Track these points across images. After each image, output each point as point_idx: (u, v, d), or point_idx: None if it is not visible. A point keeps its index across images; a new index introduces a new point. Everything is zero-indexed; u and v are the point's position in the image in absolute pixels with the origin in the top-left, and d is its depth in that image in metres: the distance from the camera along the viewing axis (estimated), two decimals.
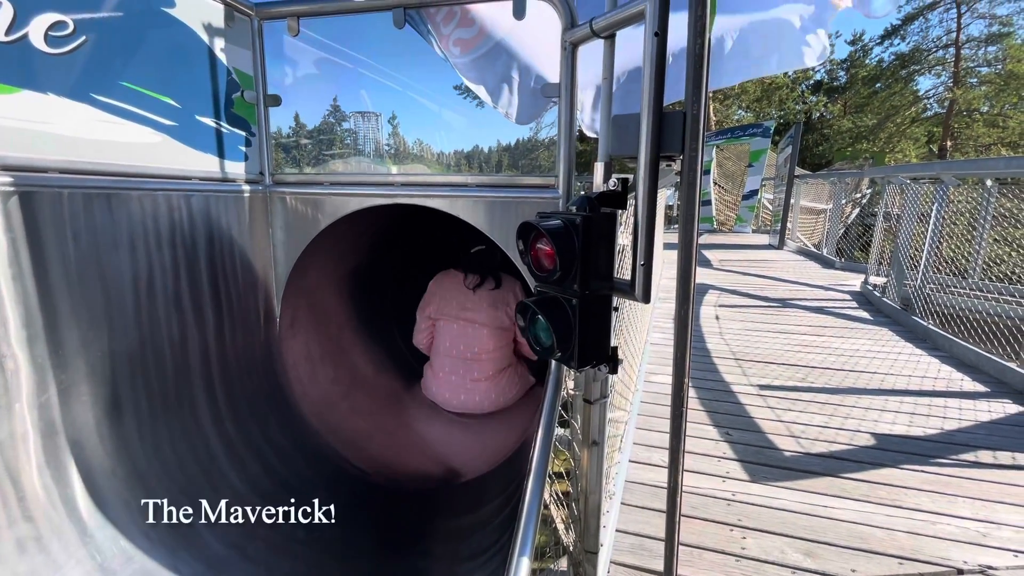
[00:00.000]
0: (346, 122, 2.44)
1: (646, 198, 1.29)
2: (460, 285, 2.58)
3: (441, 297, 2.59)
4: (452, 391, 2.51)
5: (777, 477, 2.69)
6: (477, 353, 2.53)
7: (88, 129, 1.32)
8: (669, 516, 1.21)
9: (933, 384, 3.82)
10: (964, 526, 2.26)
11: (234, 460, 1.67)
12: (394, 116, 2.66)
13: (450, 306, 2.55)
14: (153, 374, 1.50)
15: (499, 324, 2.57)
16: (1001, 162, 4.81)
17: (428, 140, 3.18)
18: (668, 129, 1.24)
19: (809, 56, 1.79)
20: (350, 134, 2.40)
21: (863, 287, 6.76)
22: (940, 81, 22.33)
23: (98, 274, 1.33)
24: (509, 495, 1.68)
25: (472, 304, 2.53)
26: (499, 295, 2.60)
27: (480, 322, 2.52)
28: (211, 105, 1.68)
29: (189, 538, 1.43)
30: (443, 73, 3.26)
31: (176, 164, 1.57)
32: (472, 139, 4.48)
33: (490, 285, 2.58)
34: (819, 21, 1.79)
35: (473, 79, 1.82)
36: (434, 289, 2.63)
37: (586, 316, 1.34)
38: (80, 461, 1.28)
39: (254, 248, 1.88)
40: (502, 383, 2.58)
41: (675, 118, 1.25)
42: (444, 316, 2.56)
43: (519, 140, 4.57)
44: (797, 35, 1.78)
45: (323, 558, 1.57)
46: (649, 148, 1.24)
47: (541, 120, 4.59)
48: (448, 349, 2.54)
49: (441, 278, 2.65)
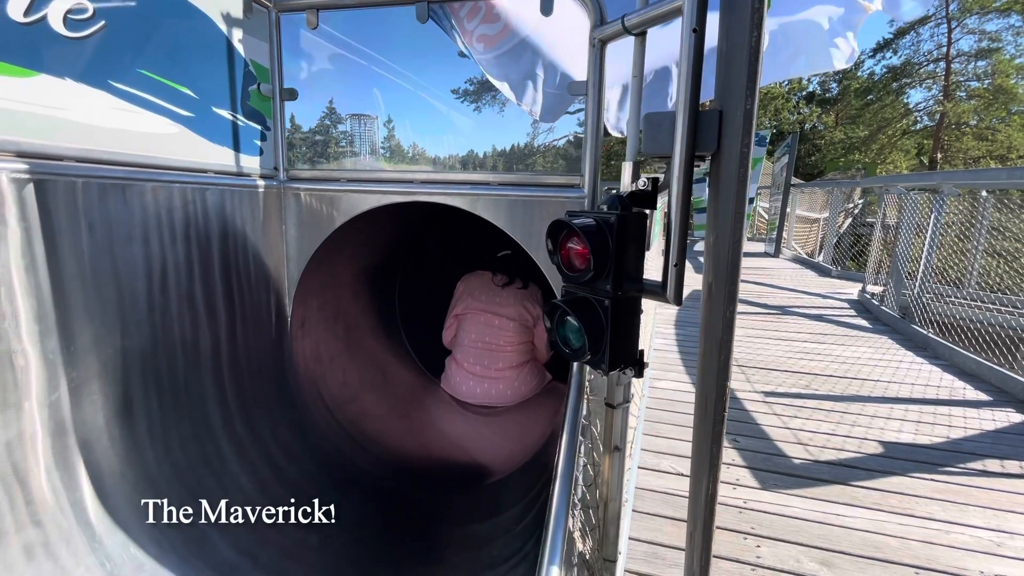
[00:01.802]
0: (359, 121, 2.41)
1: (680, 197, 1.26)
2: (488, 282, 2.67)
3: (468, 294, 2.65)
4: (475, 380, 2.56)
5: (787, 485, 2.67)
6: (502, 345, 2.59)
7: (105, 117, 1.27)
8: (705, 526, 1.18)
9: (936, 392, 3.83)
10: (978, 535, 2.25)
11: (244, 463, 1.61)
12: (389, 121, 2.64)
13: (478, 301, 2.62)
14: (164, 373, 1.45)
15: (524, 321, 2.64)
16: (1003, 172, 4.86)
17: (437, 142, 3.15)
18: (703, 127, 1.21)
19: (837, 59, 1.78)
20: (365, 131, 2.37)
21: (861, 295, 6.81)
22: (931, 94, 22.73)
23: (112, 268, 1.28)
24: (530, 501, 1.64)
25: (501, 299, 2.61)
26: (526, 294, 2.69)
27: (507, 315, 2.59)
28: (228, 97, 1.63)
29: (200, 544, 1.38)
30: (453, 74, 3.22)
31: (192, 156, 1.52)
32: (471, 144, 4.46)
33: (518, 284, 2.67)
34: (848, 24, 1.79)
35: (497, 76, 1.79)
36: (462, 288, 2.70)
37: (618, 317, 1.31)
38: (89, 463, 1.22)
39: (267, 245, 1.83)
40: (524, 374, 2.64)
41: (710, 116, 1.23)
42: (471, 310, 2.62)
43: (514, 145, 4.54)
44: (825, 37, 1.77)
45: (337, 564, 1.52)
46: (684, 147, 1.21)
47: (538, 127, 4.58)
48: (474, 341, 2.59)
49: (469, 277, 2.73)
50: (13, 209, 1.06)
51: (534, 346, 2.77)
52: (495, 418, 2.54)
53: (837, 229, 9.97)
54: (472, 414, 2.54)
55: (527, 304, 2.68)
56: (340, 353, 2.26)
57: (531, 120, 2.26)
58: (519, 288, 2.70)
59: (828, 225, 10.14)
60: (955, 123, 21.52)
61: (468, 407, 2.60)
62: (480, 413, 2.56)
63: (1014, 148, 19.65)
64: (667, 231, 1.31)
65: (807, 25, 1.78)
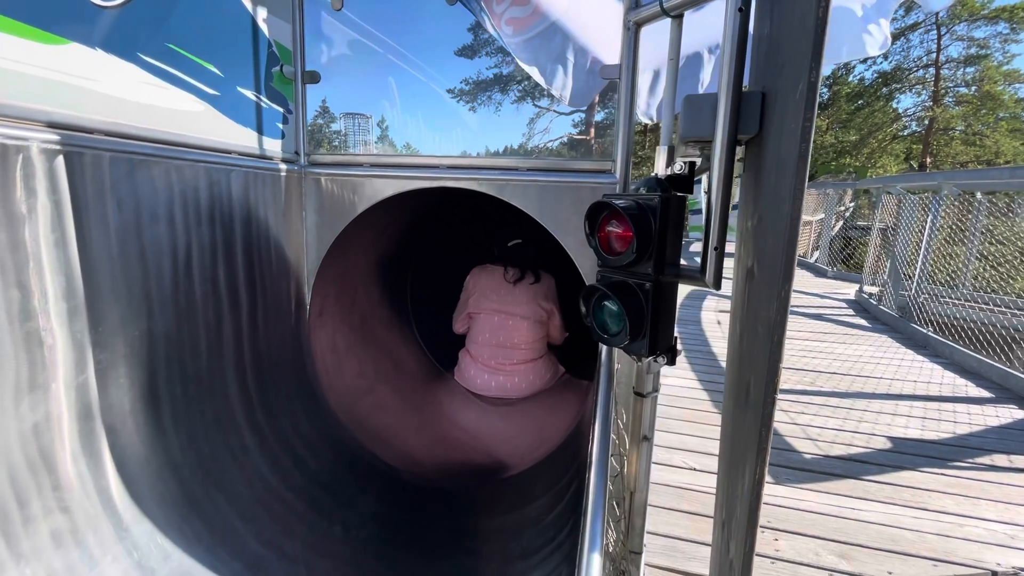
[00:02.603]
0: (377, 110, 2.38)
1: (721, 180, 1.25)
2: (500, 279, 2.60)
3: (480, 292, 2.60)
4: (490, 374, 2.54)
5: (800, 479, 2.67)
6: (516, 343, 2.56)
7: (134, 90, 1.22)
8: (751, 514, 1.16)
9: (939, 389, 3.87)
10: (992, 528, 2.27)
11: (266, 453, 1.57)
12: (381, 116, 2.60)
13: (490, 301, 2.57)
14: (188, 359, 1.40)
15: (537, 318, 2.61)
16: (1005, 172, 4.93)
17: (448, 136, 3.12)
18: (745, 109, 1.20)
19: (871, 45, 1.78)
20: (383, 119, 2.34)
21: (858, 295, 6.87)
22: (920, 100, 23.05)
23: (139, 247, 1.23)
24: (559, 492, 1.61)
25: (513, 298, 2.56)
26: (538, 289, 2.64)
27: (520, 315, 2.56)
28: (252, 77, 1.59)
29: (225, 535, 1.33)
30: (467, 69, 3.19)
31: (217, 136, 1.48)
32: (474, 143, 4.45)
33: (530, 279, 2.61)
34: (881, 10, 1.79)
35: (526, 60, 1.77)
36: (472, 284, 2.65)
37: (658, 302, 1.29)
38: (115, 449, 1.18)
39: (288, 231, 1.79)
40: (539, 368, 2.63)
41: (752, 98, 1.21)
42: (483, 310, 2.58)
43: (513, 146, 4.57)
44: (859, 24, 1.77)
45: (362, 556, 1.48)
46: (727, 129, 1.20)
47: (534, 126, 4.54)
48: (488, 340, 2.56)
49: (478, 273, 2.67)
50: (44, 181, 1.02)
51: (548, 335, 2.76)
52: (510, 410, 2.52)
53: (830, 231, 10.07)
54: (488, 406, 2.52)
55: (540, 301, 2.66)
56: (355, 344, 2.22)
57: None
58: (531, 283, 2.66)
59: (823, 227, 10.22)
60: (944, 128, 21.85)
61: (483, 399, 2.57)
62: (495, 404, 2.53)
63: (1001, 153, 19.99)
64: (707, 214, 1.29)
65: (841, 11, 1.78)
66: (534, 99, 3.97)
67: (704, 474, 2.68)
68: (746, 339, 1.36)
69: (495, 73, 3.35)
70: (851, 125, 23.93)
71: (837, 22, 1.77)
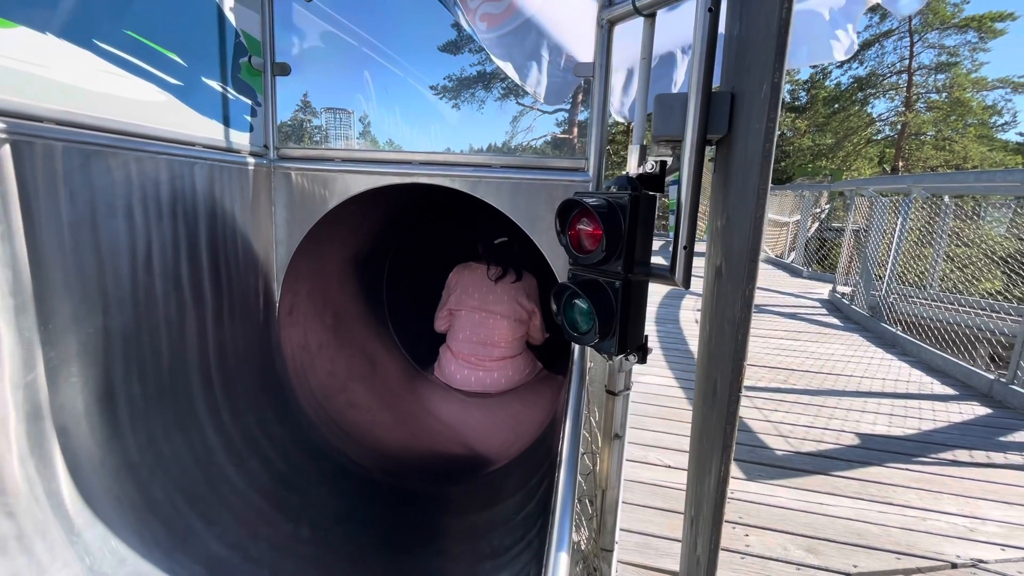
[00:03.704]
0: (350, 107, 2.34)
1: (691, 180, 1.25)
2: (482, 277, 2.63)
3: (462, 290, 2.63)
4: (470, 369, 2.59)
5: (772, 475, 2.72)
6: (496, 340, 2.61)
7: (89, 78, 1.18)
8: (716, 508, 1.17)
9: (906, 387, 3.98)
10: (953, 522, 2.34)
11: (231, 453, 1.53)
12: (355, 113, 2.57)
13: (472, 298, 2.60)
14: (148, 357, 1.36)
15: (517, 316, 2.66)
16: (971, 176, 5.09)
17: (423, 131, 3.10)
18: (714, 109, 1.21)
19: (837, 50, 1.81)
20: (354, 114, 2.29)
21: (831, 295, 7.02)
22: (893, 105, 23.69)
23: (94, 241, 1.19)
24: (530, 490, 1.61)
25: (494, 296, 2.60)
26: (520, 287, 2.68)
27: (501, 314, 2.60)
28: (218, 67, 1.55)
29: (185, 537, 1.30)
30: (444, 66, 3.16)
31: (180, 128, 1.43)
32: (455, 140, 4.44)
33: (511, 278, 2.65)
34: (849, 15, 1.82)
35: (500, 56, 1.75)
36: (455, 281, 2.67)
37: (628, 300, 1.29)
38: (67, 451, 1.13)
39: (256, 226, 1.75)
40: (518, 363, 2.69)
41: (721, 98, 1.22)
42: (465, 307, 2.61)
43: (497, 143, 4.59)
44: (827, 28, 1.80)
45: (330, 558, 1.46)
46: (697, 129, 1.20)
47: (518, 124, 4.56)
48: (468, 336, 2.60)
49: (461, 270, 2.69)
50: None
51: (528, 335, 2.80)
52: (488, 402, 2.53)
53: (805, 232, 10.29)
54: (466, 398, 2.54)
55: (521, 300, 2.69)
56: (328, 342, 2.19)
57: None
58: (512, 282, 2.69)
59: (799, 228, 10.43)
60: (915, 133, 22.51)
61: (462, 393, 2.60)
62: (473, 398, 2.55)
63: (969, 158, 20.68)
64: (677, 213, 1.30)
65: (809, 15, 1.81)
66: (518, 97, 3.97)
67: (678, 471, 2.70)
68: (714, 338, 1.38)
69: (478, 71, 3.35)
70: (827, 128, 24.47)
71: (806, 26, 1.80)
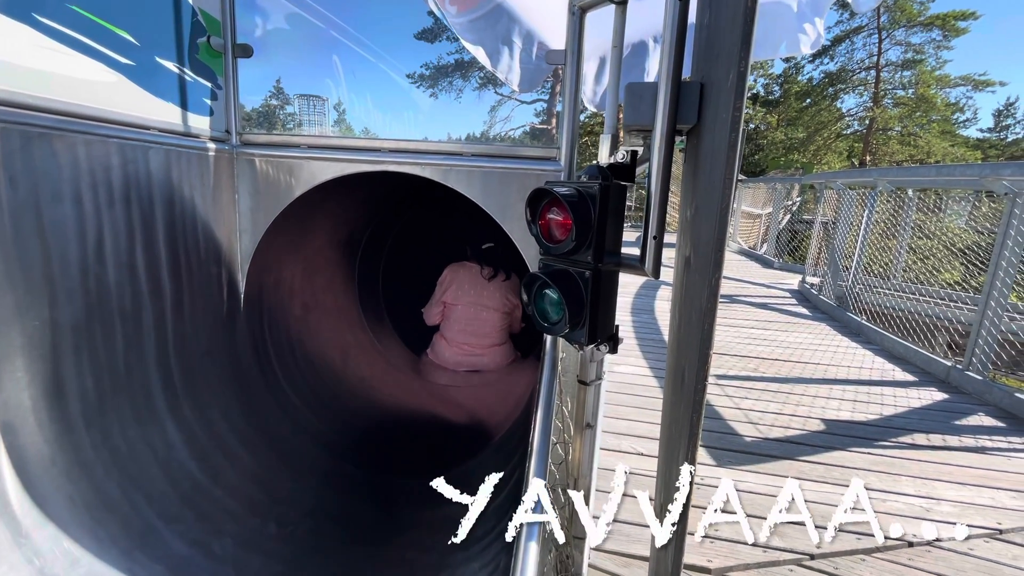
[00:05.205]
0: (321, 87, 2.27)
1: (660, 170, 1.26)
2: (476, 275, 2.94)
3: (458, 286, 2.91)
4: (464, 356, 2.94)
5: (740, 461, 2.78)
6: (487, 331, 2.96)
7: (29, 56, 1.10)
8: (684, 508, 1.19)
9: (870, 374, 4.11)
10: (910, 502, 2.43)
11: (194, 449, 1.48)
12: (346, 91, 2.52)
13: (467, 294, 2.90)
14: (101, 349, 1.30)
15: (506, 310, 3.02)
16: (932, 170, 5.25)
17: (396, 118, 3.06)
18: (684, 99, 1.21)
19: (804, 43, 1.83)
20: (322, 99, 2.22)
21: (801, 286, 7.20)
22: (862, 100, 24.29)
23: (37, 228, 1.12)
24: (501, 481, 1.60)
25: (488, 293, 2.92)
26: (508, 285, 3.01)
27: (493, 307, 2.94)
28: (173, 47, 1.47)
29: (144, 536, 1.25)
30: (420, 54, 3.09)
31: (133, 110, 1.36)
32: (431, 129, 4.40)
33: (502, 277, 2.98)
34: (816, 9, 1.83)
35: (471, 40, 1.71)
36: (451, 278, 2.94)
37: (597, 290, 1.29)
38: (13, 449, 1.08)
39: (218, 214, 1.68)
40: (505, 350, 3.06)
41: (691, 88, 1.22)
42: (461, 302, 2.90)
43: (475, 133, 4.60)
44: (795, 21, 1.81)
45: (297, 553, 1.43)
46: (666, 119, 1.20)
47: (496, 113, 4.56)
48: (463, 328, 2.93)
49: (456, 269, 2.96)
50: None
51: (511, 325, 3.11)
52: (477, 375, 2.82)
53: (777, 224, 10.51)
54: (456, 373, 2.83)
55: (509, 295, 3.02)
56: (297, 333, 2.13)
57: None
58: (503, 280, 2.99)
59: (771, 220, 10.64)
60: (882, 128, 23.15)
61: (449, 372, 2.89)
62: (463, 373, 2.83)
63: (932, 153, 21.38)
64: (647, 203, 1.30)
65: (778, 8, 1.82)
66: (496, 87, 3.98)
67: (651, 459, 2.75)
68: (683, 327, 1.39)
69: (456, 59, 3.34)
70: (799, 123, 24.97)
71: (775, 18, 1.81)
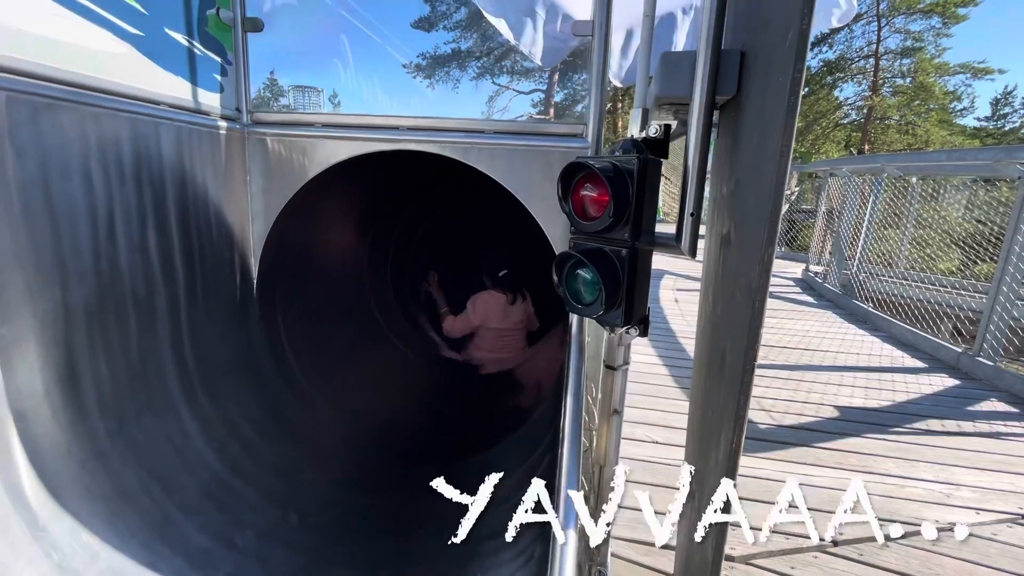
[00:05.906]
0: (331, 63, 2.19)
1: (699, 143, 1.20)
2: (503, 305, 3.41)
3: (487, 311, 3.37)
4: (492, 360, 3.45)
5: (756, 448, 2.76)
6: (512, 344, 3.51)
7: (37, 22, 1.03)
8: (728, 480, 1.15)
9: (879, 360, 4.10)
10: (929, 488, 2.41)
11: (211, 438, 1.43)
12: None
13: (497, 318, 3.40)
14: (115, 334, 1.24)
15: (528, 324, 3.60)
16: (942, 155, 5.21)
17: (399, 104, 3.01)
18: (723, 69, 1.15)
19: (836, 16, 1.77)
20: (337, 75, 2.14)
21: (804, 274, 7.18)
22: (860, 89, 24.18)
23: (47, 205, 1.06)
24: (529, 467, 1.56)
25: (512, 314, 3.45)
26: (526, 305, 3.53)
27: (518, 328, 3.52)
28: (182, 18, 1.40)
29: (164, 528, 1.20)
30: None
31: (143, 83, 1.29)
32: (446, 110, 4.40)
33: (521, 298, 3.50)
34: None
35: (493, 12, 1.65)
36: (481, 307, 3.36)
37: (635, 270, 1.24)
38: (27, 438, 1.02)
39: (229, 196, 1.61)
40: (525, 352, 3.58)
41: (731, 56, 1.16)
42: (490, 327, 3.40)
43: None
44: None
45: (322, 544, 1.39)
46: (706, 88, 1.14)
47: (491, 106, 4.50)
48: (493, 344, 3.45)
49: (486, 299, 3.39)
50: None
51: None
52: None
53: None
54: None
55: (529, 311, 3.57)
56: (316, 319, 2.07)
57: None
58: (523, 301, 3.50)
59: None
60: (881, 117, 23.08)
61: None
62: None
63: (931, 142, 21.35)
64: (684, 178, 1.24)
65: None
66: (493, 76, 3.95)
67: (666, 446, 2.72)
68: (720, 307, 1.33)
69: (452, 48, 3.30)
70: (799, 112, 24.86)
71: None
